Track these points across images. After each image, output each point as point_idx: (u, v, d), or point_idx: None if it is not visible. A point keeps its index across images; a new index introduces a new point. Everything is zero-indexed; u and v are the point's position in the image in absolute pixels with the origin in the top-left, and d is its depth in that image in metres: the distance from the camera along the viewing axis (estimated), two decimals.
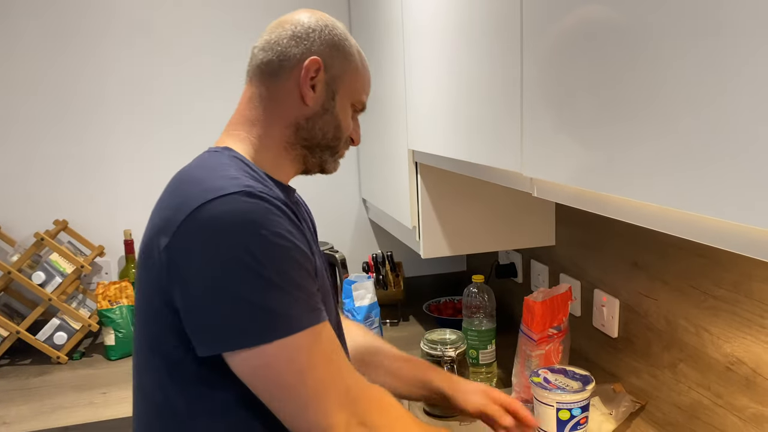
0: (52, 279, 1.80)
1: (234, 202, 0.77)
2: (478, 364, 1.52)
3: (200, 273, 0.76)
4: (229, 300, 0.75)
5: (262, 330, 0.76)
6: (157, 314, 0.82)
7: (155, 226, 0.82)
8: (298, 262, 0.80)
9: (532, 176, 0.93)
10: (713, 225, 0.62)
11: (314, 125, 0.95)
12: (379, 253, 2.03)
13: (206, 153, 0.91)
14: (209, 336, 0.78)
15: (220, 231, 0.75)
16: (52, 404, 1.55)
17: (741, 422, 1.09)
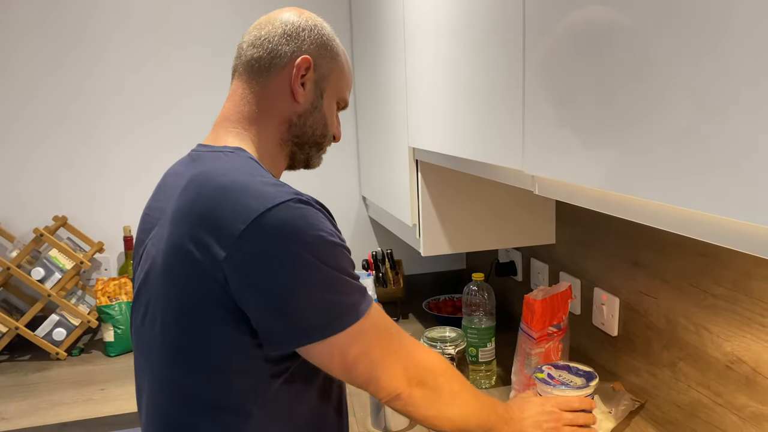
0: (51, 275, 1.80)
1: (291, 209, 0.80)
2: (478, 362, 1.52)
3: (274, 278, 0.79)
4: (305, 299, 0.81)
5: (336, 321, 0.82)
6: (205, 317, 0.84)
7: (193, 231, 0.82)
8: (347, 255, 0.86)
9: (534, 174, 0.92)
10: (715, 222, 0.62)
11: (305, 122, 0.99)
12: (379, 250, 2.03)
13: (223, 155, 0.91)
14: (291, 333, 0.82)
15: (285, 237, 0.79)
16: (50, 400, 1.55)
17: (741, 421, 1.09)
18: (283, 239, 0.79)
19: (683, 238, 1.19)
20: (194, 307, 0.84)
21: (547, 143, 0.87)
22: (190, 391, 0.87)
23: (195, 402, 0.88)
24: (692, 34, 0.59)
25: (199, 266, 0.82)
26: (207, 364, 0.86)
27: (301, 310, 0.81)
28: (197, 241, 0.82)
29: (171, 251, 0.85)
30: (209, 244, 0.81)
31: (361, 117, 2.09)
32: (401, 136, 1.59)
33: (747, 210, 0.55)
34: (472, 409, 0.96)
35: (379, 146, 1.86)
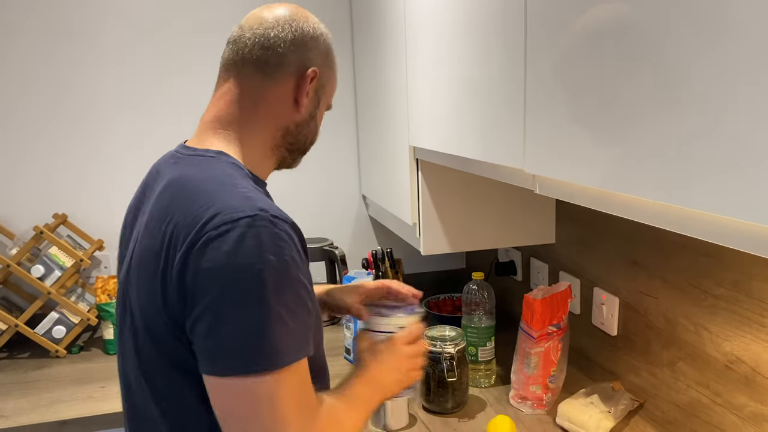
0: (51, 272, 1.79)
1: (247, 227, 0.76)
2: (477, 361, 1.52)
3: (208, 298, 0.76)
4: (229, 328, 0.75)
5: (249, 361, 0.75)
6: (164, 325, 0.82)
7: (166, 234, 0.81)
8: (300, 294, 0.80)
9: (535, 173, 0.93)
10: (716, 222, 0.62)
11: (301, 131, 0.97)
12: (379, 249, 2.03)
13: (204, 159, 0.88)
14: (206, 356, 0.78)
15: (232, 257, 0.75)
16: (50, 398, 1.55)
17: (740, 421, 1.09)
18: (231, 257, 0.75)
19: (684, 238, 1.19)
20: (152, 313, 0.82)
21: (548, 143, 0.87)
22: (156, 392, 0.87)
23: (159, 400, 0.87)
24: (694, 35, 0.59)
25: (156, 269, 0.80)
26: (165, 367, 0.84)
27: (221, 338, 0.75)
28: (160, 248, 0.80)
29: (139, 255, 0.85)
30: (166, 248, 0.79)
31: (361, 116, 2.09)
32: (402, 135, 1.60)
33: (748, 209, 0.55)
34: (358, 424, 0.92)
35: (379, 145, 1.86)
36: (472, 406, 1.42)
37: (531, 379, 1.38)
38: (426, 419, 1.38)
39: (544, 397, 1.38)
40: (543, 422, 1.34)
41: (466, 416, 1.38)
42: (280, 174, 2.20)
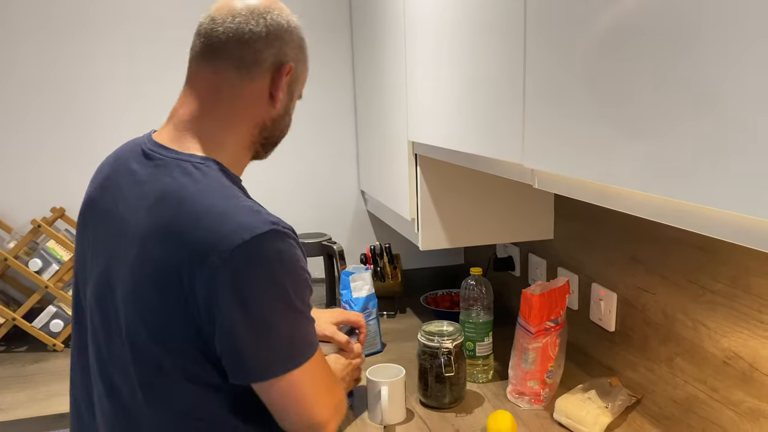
0: (48, 266, 1.79)
1: (269, 242, 0.81)
2: (475, 356, 1.52)
3: (239, 308, 0.81)
4: (264, 333, 0.83)
5: (293, 358, 0.86)
6: (186, 341, 0.85)
7: (178, 258, 0.81)
8: (311, 290, 0.89)
9: (534, 167, 0.92)
10: (714, 216, 0.62)
11: (277, 126, 0.98)
12: (377, 245, 2.03)
13: (194, 169, 0.87)
14: (240, 366, 0.85)
15: (261, 272, 0.81)
16: (47, 391, 1.55)
17: (737, 416, 1.09)
18: (259, 273, 0.81)
19: (682, 234, 1.19)
20: (164, 328, 0.85)
21: (547, 137, 0.87)
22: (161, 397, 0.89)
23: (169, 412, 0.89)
24: (691, 35, 0.59)
25: (172, 288, 0.82)
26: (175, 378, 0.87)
27: (266, 347, 0.84)
28: (174, 269, 0.81)
29: (139, 270, 0.85)
30: (186, 269, 0.81)
31: (360, 111, 2.09)
32: (401, 131, 1.59)
33: (748, 203, 0.55)
34: None
35: (378, 140, 1.86)
36: (469, 401, 1.42)
37: (528, 375, 1.38)
38: (423, 414, 1.38)
39: (541, 393, 1.38)
40: (540, 418, 1.34)
41: (464, 411, 1.38)
42: (279, 169, 2.21)
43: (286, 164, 2.14)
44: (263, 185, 2.12)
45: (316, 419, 0.90)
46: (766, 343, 1.02)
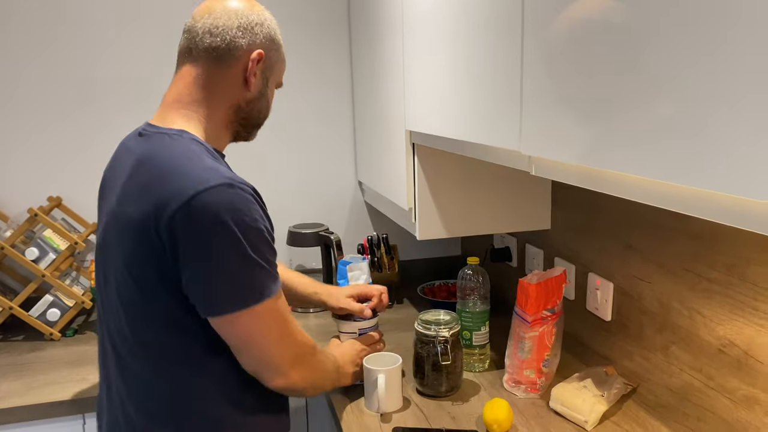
0: (45, 255, 1.79)
1: (219, 193, 0.93)
2: (472, 345, 1.52)
3: (197, 254, 0.94)
4: (221, 276, 0.95)
5: (243, 298, 0.97)
6: (157, 283, 0.98)
7: (146, 212, 0.95)
8: (268, 241, 1.00)
9: (531, 154, 0.92)
10: (709, 199, 0.62)
11: (252, 107, 1.11)
12: (375, 235, 2.03)
13: (167, 138, 1.01)
14: (205, 304, 0.98)
15: (211, 218, 0.92)
16: (44, 379, 1.55)
17: (732, 404, 1.10)
18: (208, 219, 0.92)
19: (678, 223, 1.19)
20: (142, 272, 0.98)
21: (544, 123, 0.87)
22: (145, 344, 1.02)
23: (149, 353, 1.03)
24: (683, 28, 0.59)
25: (144, 236, 0.95)
26: (155, 320, 1.00)
27: (215, 285, 0.95)
28: (145, 219, 0.95)
29: (122, 223, 0.99)
30: (152, 219, 0.94)
31: (357, 102, 2.08)
32: (398, 120, 1.59)
33: (743, 186, 0.55)
34: (329, 373, 1.23)
35: (375, 130, 1.86)
36: (466, 390, 1.43)
37: (525, 364, 1.38)
38: (420, 402, 1.38)
39: (537, 382, 1.39)
40: (536, 406, 1.35)
41: (460, 399, 1.39)
42: (278, 161, 2.21)
43: (284, 155, 2.14)
44: (262, 176, 2.11)
45: (271, 361, 1.04)
46: (761, 331, 1.02)
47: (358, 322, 1.45)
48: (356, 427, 1.29)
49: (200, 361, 1.04)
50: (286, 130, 2.12)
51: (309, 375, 1.12)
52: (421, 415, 1.33)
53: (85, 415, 1.48)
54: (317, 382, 1.18)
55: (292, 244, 2.01)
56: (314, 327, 1.84)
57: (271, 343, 1.03)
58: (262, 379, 1.06)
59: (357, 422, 1.31)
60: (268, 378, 1.06)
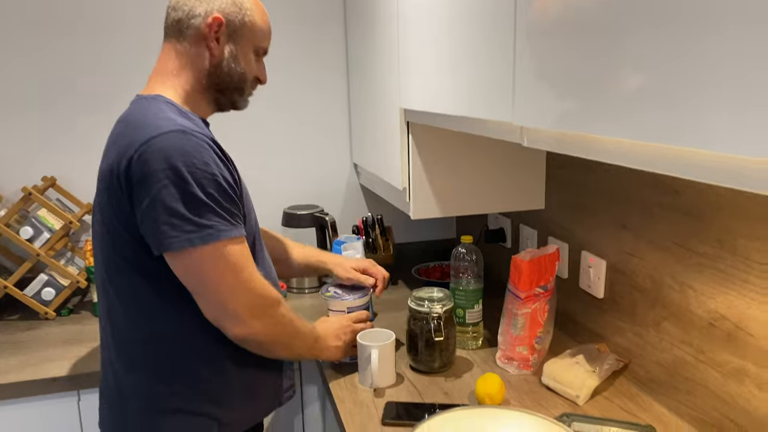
0: (40, 234, 1.79)
1: (170, 138, 1.00)
2: (465, 323, 1.53)
3: (147, 193, 0.99)
4: (166, 213, 0.99)
5: (189, 237, 1.00)
6: (122, 229, 1.05)
7: (112, 161, 1.04)
8: (221, 186, 1.03)
9: (522, 125, 0.92)
10: (700, 159, 0.62)
11: (222, 71, 1.15)
12: (369, 216, 2.03)
13: (143, 100, 1.11)
14: (154, 241, 1.02)
15: (160, 160, 0.98)
16: (40, 357, 1.55)
17: (722, 377, 1.10)
18: (158, 161, 0.98)
19: (670, 199, 1.20)
20: (111, 220, 1.06)
21: (536, 95, 0.87)
22: (120, 292, 1.10)
23: (125, 301, 1.10)
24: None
25: (114, 188, 1.03)
26: (126, 267, 1.07)
27: (163, 222, 0.99)
28: (112, 168, 1.03)
29: (101, 179, 1.07)
30: (116, 169, 1.02)
31: (353, 83, 2.08)
32: (392, 98, 1.59)
33: (735, 143, 0.55)
34: (300, 335, 1.22)
35: (370, 110, 1.86)
36: (458, 366, 1.44)
37: (517, 340, 1.39)
38: (413, 378, 1.39)
39: (530, 358, 1.40)
40: (529, 382, 1.35)
41: (453, 375, 1.40)
42: (274, 143, 2.20)
43: (279, 137, 2.13)
44: (258, 158, 2.11)
45: (229, 308, 1.06)
46: (751, 303, 1.03)
47: (347, 301, 1.45)
48: (349, 402, 1.30)
49: (173, 309, 1.09)
50: (282, 111, 2.12)
51: (271, 328, 1.12)
52: (414, 391, 1.34)
53: (80, 391, 1.48)
54: (282, 338, 1.17)
55: (287, 225, 2.01)
56: (309, 307, 1.84)
57: (227, 289, 1.04)
58: (223, 328, 1.08)
59: (350, 397, 1.32)
60: (229, 326, 1.08)
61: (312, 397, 1.66)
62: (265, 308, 1.11)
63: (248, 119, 2.09)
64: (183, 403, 1.12)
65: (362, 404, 1.29)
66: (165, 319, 1.10)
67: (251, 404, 1.20)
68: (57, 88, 1.93)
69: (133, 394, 1.13)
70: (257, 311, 1.09)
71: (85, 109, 1.96)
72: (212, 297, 1.05)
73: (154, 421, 1.12)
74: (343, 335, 1.36)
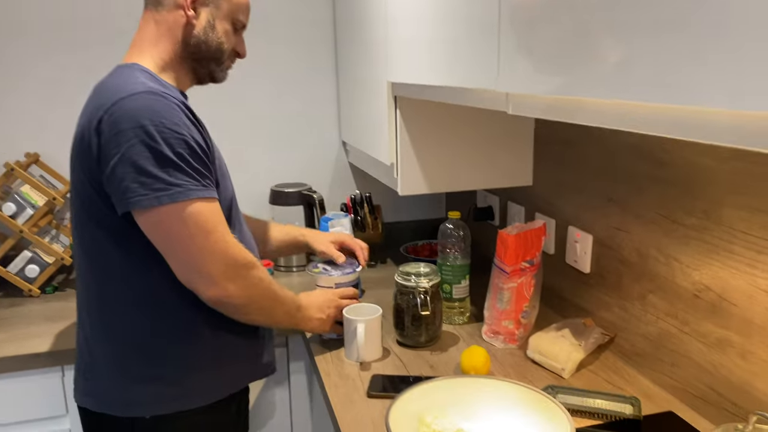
0: (23, 211, 1.77)
1: (140, 99, 1.01)
2: (452, 298, 1.53)
3: (116, 152, 1.00)
4: (134, 171, 0.99)
5: (157, 195, 1.00)
6: (91, 189, 1.05)
7: (83, 124, 1.05)
8: (191, 147, 1.03)
9: (508, 91, 0.91)
10: (689, 116, 0.62)
11: (198, 42, 1.16)
12: (358, 193, 2.02)
13: (118, 68, 1.12)
14: (122, 199, 1.01)
15: (129, 119, 0.99)
16: (24, 333, 1.54)
17: (705, 348, 1.11)
18: (127, 120, 0.99)
19: (658, 171, 1.19)
20: (85, 184, 1.06)
21: (520, 59, 0.86)
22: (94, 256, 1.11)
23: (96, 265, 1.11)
24: None
25: (86, 150, 1.04)
26: (96, 229, 1.08)
27: (130, 180, 0.99)
28: (84, 131, 1.05)
29: (75, 142, 1.09)
30: (88, 131, 1.03)
31: (341, 60, 2.06)
32: (380, 72, 1.57)
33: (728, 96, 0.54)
34: (280, 301, 1.20)
35: (358, 85, 1.84)
36: (445, 341, 1.44)
37: (503, 314, 1.39)
38: (399, 352, 1.39)
39: (516, 333, 1.40)
40: (514, 356, 1.36)
41: (439, 349, 1.40)
42: (261, 121, 2.18)
43: (267, 115, 2.11)
44: (245, 135, 2.09)
45: (202, 269, 1.04)
46: (735, 273, 1.03)
47: (334, 277, 1.44)
48: (335, 375, 1.30)
49: (144, 271, 1.08)
50: (269, 88, 2.10)
51: (247, 290, 1.10)
52: (400, 364, 1.33)
53: (64, 366, 1.47)
54: (260, 302, 1.15)
55: (274, 203, 2.00)
56: (297, 285, 1.83)
57: (198, 249, 1.03)
58: (196, 290, 1.07)
59: (336, 371, 1.31)
60: (202, 288, 1.06)
61: (298, 372, 1.65)
62: (239, 269, 1.08)
63: (234, 96, 2.07)
64: (155, 369, 1.12)
65: (348, 377, 1.28)
66: (135, 281, 1.09)
67: (227, 374, 1.19)
68: (40, 63, 1.90)
69: (104, 359, 1.13)
70: (231, 273, 1.07)
71: (69, 85, 1.93)
72: (183, 257, 1.04)
73: (125, 387, 1.12)
74: (327, 308, 1.35)
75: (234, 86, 2.02)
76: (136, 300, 1.10)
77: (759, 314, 0.99)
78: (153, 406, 1.12)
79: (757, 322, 1.00)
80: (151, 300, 1.10)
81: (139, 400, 1.12)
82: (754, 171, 0.98)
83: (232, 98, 2.06)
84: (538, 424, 0.97)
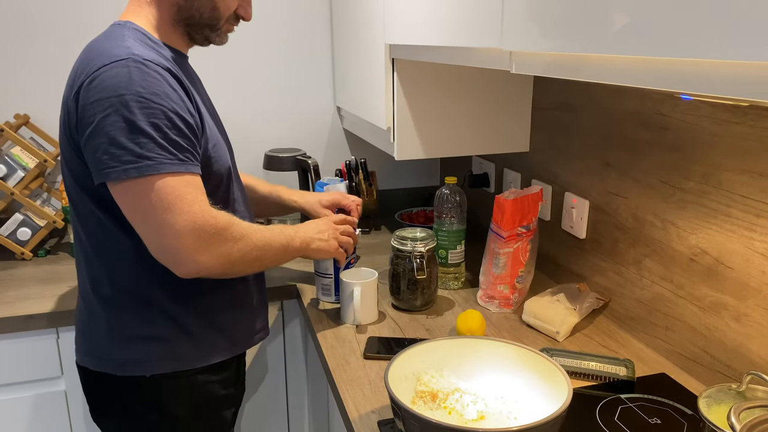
0: (13, 173, 1.74)
1: (122, 67, 0.98)
2: (447, 264, 1.53)
3: (91, 121, 0.98)
4: (106, 141, 0.97)
5: (125, 168, 0.97)
6: (75, 154, 1.05)
7: (66, 91, 1.05)
8: (170, 118, 0.99)
9: (513, 49, 0.90)
10: (699, 70, 0.61)
11: (191, 6, 1.12)
12: (353, 159, 2.01)
13: (112, 27, 1.10)
14: (95, 170, 1.00)
15: (106, 88, 0.97)
16: (16, 295, 1.53)
17: (700, 311, 1.12)
18: (104, 89, 0.97)
19: (655, 136, 1.19)
20: (66, 148, 1.07)
21: (525, 18, 0.84)
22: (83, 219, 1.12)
23: (88, 228, 1.12)
24: None
25: (65, 114, 1.05)
26: (82, 193, 1.08)
27: (102, 150, 0.97)
28: (67, 98, 1.04)
29: (62, 108, 1.08)
30: (70, 97, 1.02)
31: (336, 23, 2.02)
32: (377, 34, 1.55)
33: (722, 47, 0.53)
34: (268, 243, 1.14)
35: (354, 48, 1.81)
36: (440, 305, 1.44)
37: (499, 279, 1.40)
38: (395, 316, 1.39)
39: (511, 297, 1.40)
40: (509, 320, 1.37)
41: (435, 313, 1.40)
42: (255, 85, 2.15)
43: (260, 79, 2.08)
44: (238, 100, 2.06)
45: (171, 245, 1.00)
46: (731, 237, 1.04)
47: None
48: (331, 337, 1.30)
49: (131, 235, 1.05)
50: (263, 54, 2.06)
51: (223, 257, 1.04)
52: (396, 327, 1.34)
53: (59, 329, 1.47)
54: (246, 257, 1.09)
55: (268, 168, 1.98)
56: None
57: (160, 225, 0.99)
58: (171, 267, 1.03)
59: (332, 334, 1.32)
60: (175, 266, 1.03)
61: (294, 334, 1.66)
62: (210, 239, 1.02)
63: (227, 60, 2.03)
64: (150, 330, 1.12)
65: (344, 339, 1.29)
66: (123, 245, 1.08)
67: (221, 338, 1.19)
68: (30, 23, 1.86)
69: (101, 318, 1.13)
70: (200, 245, 1.01)
71: (60, 46, 1.89)
72: (153, 232, 1.01)
73: (122, 346, 1.13)
74: (326, 234, 1.29)
75: (223, 48, 1.99)
76: (130, 265, 1.10)
77: (755, 277, 1.00)
78: (151, 364, 1.13)
79: (752, 284, 1.01)
80: (144, 266, 1.08)
81: (137, 359, 1.12)
82: (754, 134, 0.98)
83: (221, 61, 2.02)
84: (535, 383, 0.98)
